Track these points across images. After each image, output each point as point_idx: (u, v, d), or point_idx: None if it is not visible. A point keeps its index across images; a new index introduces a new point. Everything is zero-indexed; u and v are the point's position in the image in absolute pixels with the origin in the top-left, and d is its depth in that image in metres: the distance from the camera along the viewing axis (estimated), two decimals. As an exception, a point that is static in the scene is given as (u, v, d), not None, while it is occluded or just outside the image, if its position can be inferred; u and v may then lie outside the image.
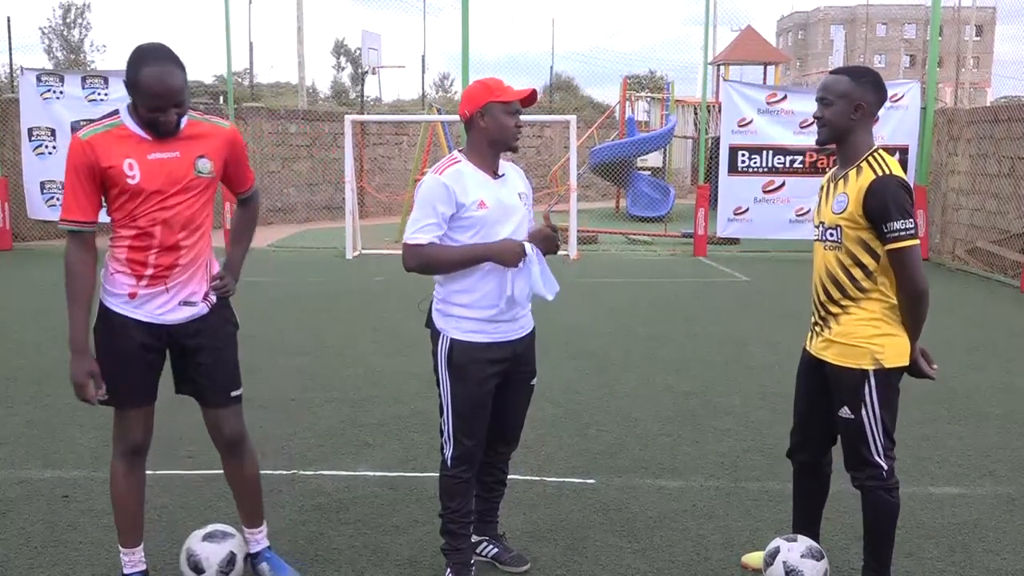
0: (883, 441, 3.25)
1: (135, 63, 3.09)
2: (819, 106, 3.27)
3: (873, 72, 3.30)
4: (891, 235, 3.08)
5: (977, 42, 54.36)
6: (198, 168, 3.20)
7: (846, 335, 3.23)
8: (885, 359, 3.20)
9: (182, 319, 3.29)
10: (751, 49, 27.27)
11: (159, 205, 3.15)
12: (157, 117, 3.08)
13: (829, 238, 3.26)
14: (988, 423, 5.77)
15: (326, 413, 5.80)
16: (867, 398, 3.21)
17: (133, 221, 3.16)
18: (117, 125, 3.14)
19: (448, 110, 21.36)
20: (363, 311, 9.44)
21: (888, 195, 3.08)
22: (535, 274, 3.32)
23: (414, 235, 3.31)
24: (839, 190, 3.24)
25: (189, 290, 3.28)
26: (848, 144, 3.24)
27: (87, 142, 3.09)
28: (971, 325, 9.03)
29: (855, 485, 3.35)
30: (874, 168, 3.14)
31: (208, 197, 3.29)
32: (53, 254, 13.97)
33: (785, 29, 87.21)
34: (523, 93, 3.36)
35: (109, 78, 14.19)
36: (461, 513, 3.51)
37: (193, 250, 3.25)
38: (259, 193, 3.65)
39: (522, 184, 3.54)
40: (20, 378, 6.55)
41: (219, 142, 3.28)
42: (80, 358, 3.16)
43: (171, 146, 3.15)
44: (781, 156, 14.19)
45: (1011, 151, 12.55)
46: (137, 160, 3.11)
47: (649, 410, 5.95)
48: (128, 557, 3.40)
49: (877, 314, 3.20)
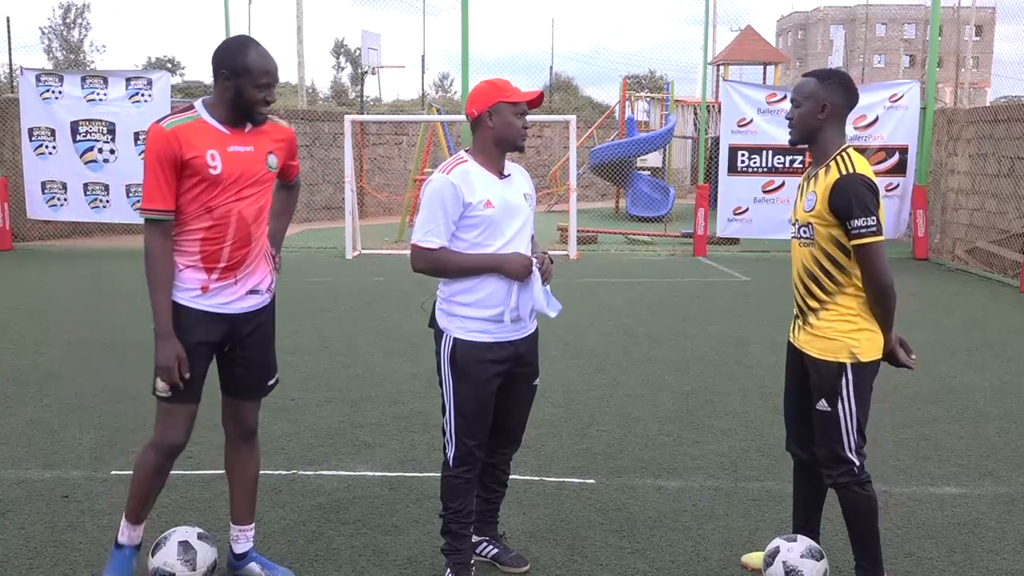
0: (855, 437, 3.33)
1: (238, 49, 3.26)
2: (791, 107, 3.40)
3: (840, 74, 3.43)
4: (854, 232, 3.18)
5: (977, 42, 54.35)
6: (268, 163, 3.40)
7: (825, 329, 3.32)
8: (861, 353, 3.28)
9: (248, 308, 3.42)
10: (751, 49, 27.27)
11: (235, 196, 3.29)
12: (265, 97, 3.26)
13: (803, 235, 3.36)
14: (988, 423, 5.77)
15: (326, 413, 5.80)
16: (844, 391, 3.29)
17: (209, 212, 3.27)
18: (196, 119, 3.28)
19: (448, 110, 21.40)
20: (363, 311, 9.44)
21: (851, 193, 3.17)
22: (537, 290, 3.37)
23: (425, 238, 3.34)
24: (810, 188, 3.34)
25: (255, 280, 3.43)
26: (818, 143, 3.34)
27: (172, 132, 3.20)
28: (971, 325, 9.02)
29: (828, 484, 3.41)
30: (840, 167, 3.23)
31: (271, 191, 3.48)
32: (53, 254, 14.01)
33: (785, 29, 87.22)
34: (531, 95, 3.39)
35: (109, 78, 14.19)
36: (462, 514, 3.50)
37: (260, 241, 3.43)
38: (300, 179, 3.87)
39: (527, 184, 3.56)
40: (20, 378, 6.55)
41: (284, 142, 3.50)
42: (168, 342, 3.23)
43: (247, 140, 3.33)
44: (781, 156, 14.19)
45: (1011, 151, 12.55)
46: (219, 151, 3.25)
47: (649, 410, 5.95)
48: (129, 531, 3.49)
49: (854, 309, 3.28)
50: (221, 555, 3.74)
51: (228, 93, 3.25)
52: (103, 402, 5.97)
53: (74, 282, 11.35)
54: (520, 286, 3.37)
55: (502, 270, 3.35)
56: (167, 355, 3.23)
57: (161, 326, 3.24)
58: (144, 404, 5.94)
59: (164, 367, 3.23)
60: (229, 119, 3.30)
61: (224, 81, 3.25)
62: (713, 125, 20.34)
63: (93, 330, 8.19)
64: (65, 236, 15.47)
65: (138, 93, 14.05)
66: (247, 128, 3.34)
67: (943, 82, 32.87)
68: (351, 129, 14.90)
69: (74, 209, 14.30)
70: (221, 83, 3.26)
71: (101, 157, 14.09)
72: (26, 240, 14.87)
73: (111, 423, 5.53)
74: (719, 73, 26.47)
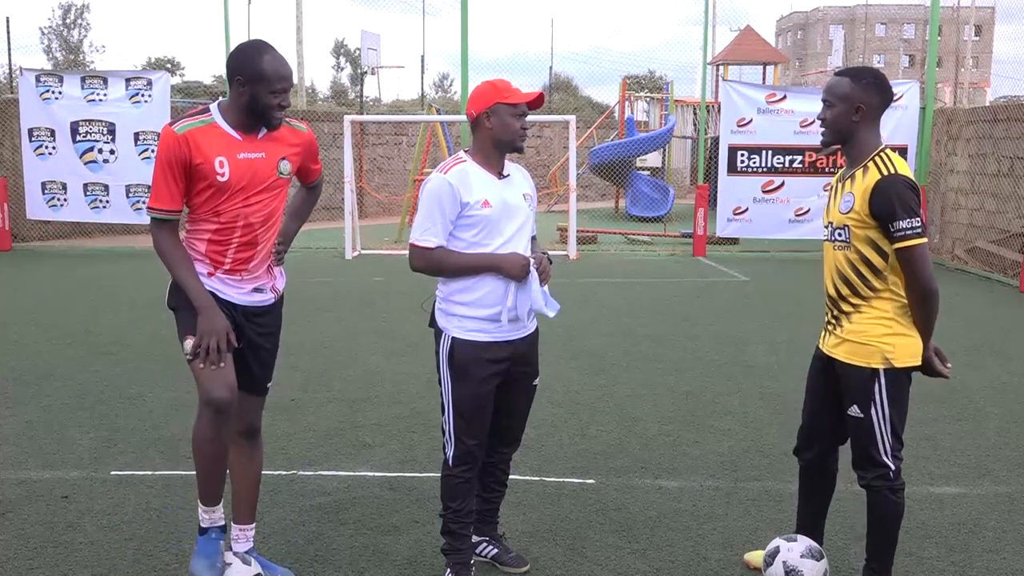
0: (891, 441, 3.25)
1: (253, 54, 3.25)
2: (823, 108, 3.29)
3: (875, 73, 3.31)
4: (897, 234, 3.10)
5: (976, 42, 54.37)
6: (280, 170, 3.40)
7: (857, 333, 3.24)
8: (896, 358, 3.21)
9: (254, 303, 3.44)
10: (750, 49, 27.29)
11: (243, 202, 3.31)
12: (281, 102, 3.26)
13: (838, 238, 3.28)
14: (987, 423, 5.77)
15: (326, 413, 5.80)
16: (876, 397, 3.21)
17: (216, 216, 3.30)
18: (210, 123, 3.28)
19: (447, 110, 21.41)
20: (363, 311, 9.44)
21: (894, 194, 3.09)
22: (535, 290, 3.37)
23: (423, 237, 3.35)
24: (846, 190, 3.25)
25: (260, 280, 3.46)
26: (853, 145, 3.26)
27: (183, 136, 3.20)
28: (971, 325, 9.02)
29: (861, 484, 3.35)
30: (880, 168, 3.16)
31: (284, 196, 3.50)
32: (52, 254, 14.01)
33: (784, 29, 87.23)
34: (531, 96, 3.38)
35: (108, 79, 14.18)
36: (462, 513, 3.51)
37: (268, 244, 3.45)
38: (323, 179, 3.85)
39: (527, 185, 3.56)
40: (20, 378, 6.55)
41: (301, 147, 3.48)
42: (214, 311, 3.23)
43: (258, 146, 3.33)
44: (780, 156, 14.18)
45: (1010, 151, 12.55)
46: (227, 158, 3.26)
47: (649, 410, 5.95)
48: (209, 514, 3.43)
49: (889, 313, 3.21)
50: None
51: (243, 98, 3.25)
52: (103, 402, 5.97)
53: (74, 282, 11.35)
54: (518, 286, 3.37)
55: (500, 270, 3.35)
56: (219, 325, 3.21)
57: (201, 300, 3.23)
58: (144, 404, 5.95)
59: (216, 331, 3.19)
60: (243, 124, 3.30)
61: (239, 87, 3.24)
62: (713, 125, 20.35)
63: (93, 330, 8.19)
64: (65, 236, 15.47)
65: (138, 93, 14.05)
66: (260, 133, 3.33)
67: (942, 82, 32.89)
68: (351, 129, 14.91)
69: (74, 209, 14.29)
70: (236, 88, 3.25)
71: (101, 157, 14.09)
72: (26, 240, 14.87)
73: (111, 423, 5.53)
74: (719, 73, 26.48)
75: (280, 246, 3.58)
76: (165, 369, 6.77)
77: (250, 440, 3.63)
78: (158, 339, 7.74)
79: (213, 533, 3.43)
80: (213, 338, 3.20)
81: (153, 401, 6.01)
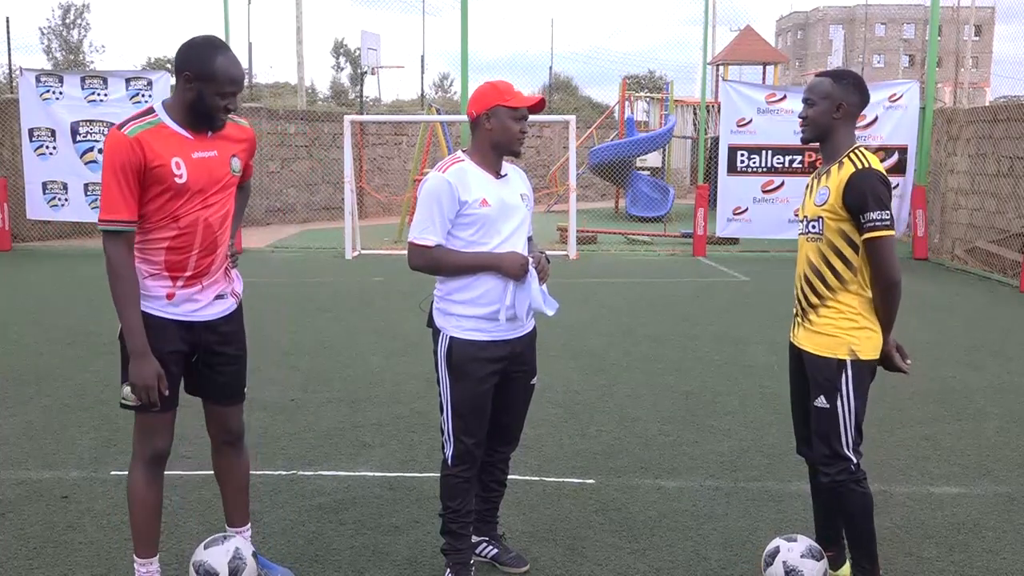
0: (853, 434, 3.33)
1: (206, 52, 3.10)
2: (804, 107, 3.43)
3: (854, 74, 3.47)
4: (868, 224, 3.21)
5: (976, 42, 54.32)
6: (232, 167, 3.29)
7: (825, 326, 3.34)
8: (861, 351, 3.30)
9: (216, 314, 3.31)
10: (750, 49, 27.30)
11: (202, 203, 3.17)
12: (227, 105, 3.13)
13: (811, 230, 3.38)
14: (987, 423, 5.77)
15: (326, 413, 5.80)
16: (843, 388, 3.30)
17: (175, 221, 3.14)
18: (157, 124, 3.12)
19: (447, 110, 21.39)
20: (363, 311, 9.44)
21: (867, 186, 3.21)
22: (534, 289, 3.37)
23: (421, 235, 3.36)
24: (821, 184, 3.37)
25: (220, 285, 3.34)
26: (830, 142, 3.39)
27: (135, 139, 3.04)
28: (970, 325, 9.03)
29: (825, 482, 3.39)
30: (855, 163, 3.28)
31: (234, 195, 3.38)
32: (52, 255, 14.01)
33: (784, 29, 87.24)
34: (531, 100, 3.39)
35: (108, 79, 14.19)
36: (461, 513, 3.51)
37: (224, 247, 3.32)
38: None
39: (524, 185, 3.57)
40: (20, 378, 6.55)
41: (246, 143, 3.38)
42: (145, 359, 3.08)
43: (209, 145, 3.20)
44: (780, 156, 14.19)
45: (1010, 151, 12.55)
46: (183, 159, 3.11)
47: (649, 410, 5.95)
48: (144, 568, 3.33)
49: (856, 308, 3.30)
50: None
51: (189, 95, 3.10)
52: (103, 402, 5.97)
53: (74, 282, 11.34)
54: (516, 285, 3.38)
55: (498, 269, 3.36)
56: (148, 373, 3.07)
57: (136, 345, 3.07)
58: (144, 404, 5.95)
59: (144, 386, 3.08)
60: (190, 123, 3.15)
61: (186, 83, 3.09)
62: (713, 125, 20.36)
63: (93, 330, 8.18)
64: (65, 236, 15.47)
65: (138, 93, 14.05)
66: (209, 132, 3.20)
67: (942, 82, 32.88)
68: (351, 129, 14.90)
69: (74, 209, 14.29)
70: (182, 84, 3.10)
71: (101, 157, 14.06)
72: (26, 240, 14.88)
73: (111, 423, 5.53)
74: (718, 73, 26.48)
75: (230, 249, 3.44)
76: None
77: (234, 447, 3.54)
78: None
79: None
80: (143, 392, 3.09)
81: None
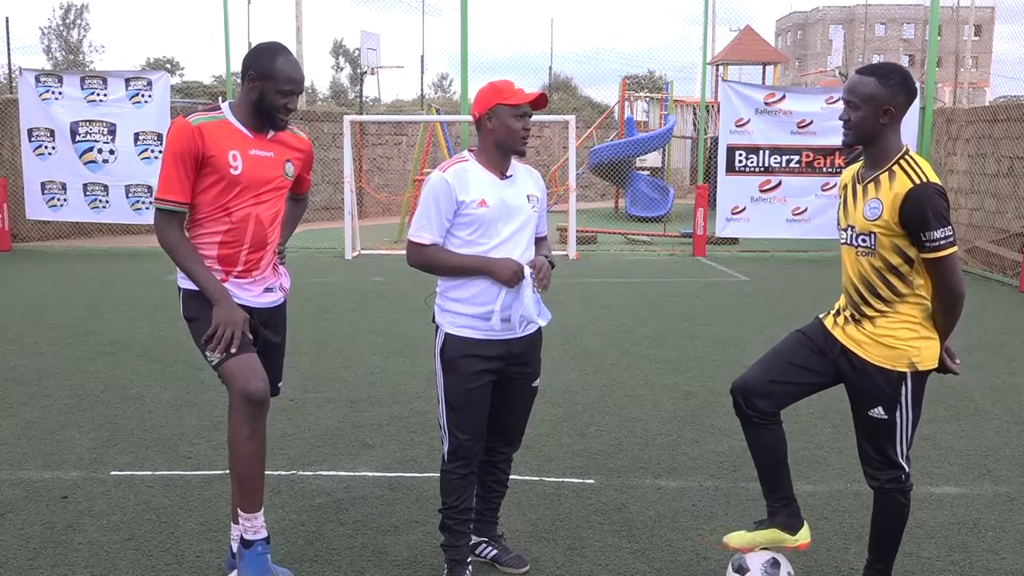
0: (908, 444, 3.25)
1: (269, 54, 3.32)
2: (845, 108, 3.15)
3: (900, 70, 3.15)
4: (930, 244, 3.02)
5: (976, 42, 54.35)
6: (286, 171, 3.47)
7: (885, 336, 3.17)
8: (920, 362, 3.17)
9: (265, 304, 3.48)
10: (750, 49, 27.31)
11: (254, 199, 3.35)
12: (287, 104, 3.32)
13: (861, 243, 3.18)
14: (987, 422, 5.77)
15: (326, 413, 5.80)
16: (903, 400, 3.19)
17: (228, 215, 3.32)
18: (221, 119, 3.33)
19: (447, 110, 21.41)
20: (362, 311, 9.44)
21: (927, 204, 3.01)
22: (527, 297, 3.34)
23: (418, 233, 3.39)
24: (870, 195, 3.14)
25: (269, 280, 3.52)
26: (876, 147, 3.14)
27: (197, 128, 3.24)
28: (970, 324, 9.01)
29: (872, 485, 3.31)
30: (909, 175, 3.06)
31: (285, 199, 3.56)
32: (52, 255, 14.00)
33: (784, 29, 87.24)
34: (531, 96, 3.38)
35: (108, 79, 14.18)
36: (458, 510, 3.50)
37: (273, 244, 3.50)
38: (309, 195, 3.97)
39: (533, 186, 3.54)
40: (19, 378, 6.55)
41: (303, 154, 3.57)
42: (229, 303, 3.24)
43: (268, 146, 3.40)
44: (777, 155, 14.19)
45: (1010, 151, 12.56)
46: (241, 153, 3.31)
47: (649, 410, 5.95)
48: (251, 522, 3.35)
49: (916, 318, 3.15)
50: (222, 555, 3.75)
51: (253, 95, 3.31)
52: (103, 402, 5.97)
53: (74, 282, 11.34)
54: (509, 292, 3.37)
55: (491, 275, 3.35)
56: (235, 315, 3.21)
57: (215, 293, 3.24)
58: (144, 404, 5.95)
59: (232, 322, 3.19)
60: (252, 123, 3.36)
61: (251, 82, 3.30)
62: (712, 125, 20.36)
63: (92, 330, 8.18)
64: (64, 237, 15.47)
65: (138, 94, 14.05)
66: (269, 134, 3.40)
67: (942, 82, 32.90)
68: (350, 129, 14.90)
69: (74, 209, 14.29)
70: (248, 84, 3.31)
71: (100, 158, 14.09)
72: (25, 241, 14.87)
73: (111, 423, 5.53)
74: (718, 73, 26.49)
75: (280, 247, 3.64)
76: (165, 369, 6.77)
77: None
78: (158, 339, 7.74)
79: (259, 546, 3.34)
80: (229, 328, 3.20)
81: (152, 401, 6.00)
